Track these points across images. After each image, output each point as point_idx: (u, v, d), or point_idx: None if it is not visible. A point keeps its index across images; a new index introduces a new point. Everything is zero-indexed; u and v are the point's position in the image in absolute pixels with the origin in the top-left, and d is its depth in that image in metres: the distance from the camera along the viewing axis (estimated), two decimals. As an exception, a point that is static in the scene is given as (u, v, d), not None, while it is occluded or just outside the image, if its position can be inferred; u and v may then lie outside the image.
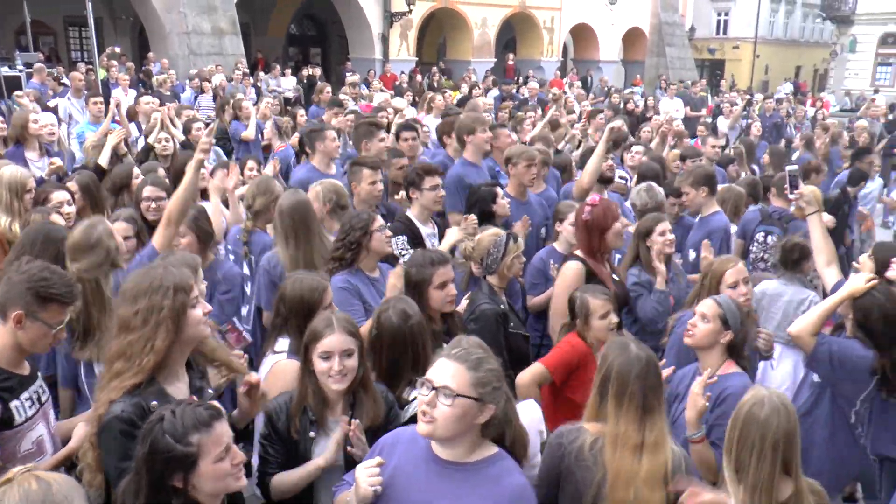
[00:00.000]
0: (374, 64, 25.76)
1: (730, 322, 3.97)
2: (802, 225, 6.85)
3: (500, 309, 4.77)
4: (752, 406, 3.04)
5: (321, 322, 3.41)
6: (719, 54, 50.21)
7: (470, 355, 2.78)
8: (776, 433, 2.97)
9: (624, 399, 3.14)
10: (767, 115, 17.95)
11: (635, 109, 18.16)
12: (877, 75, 44.42)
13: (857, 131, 14.48)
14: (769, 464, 2.97)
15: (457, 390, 2.67)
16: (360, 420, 3.35)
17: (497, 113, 14.00)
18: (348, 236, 4.68)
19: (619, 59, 35.82)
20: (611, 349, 3.29)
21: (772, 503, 2.98)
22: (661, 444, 3.11)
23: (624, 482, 3.06)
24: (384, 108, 12.16)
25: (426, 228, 5.80)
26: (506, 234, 4.99)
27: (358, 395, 3.41)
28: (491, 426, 2.81)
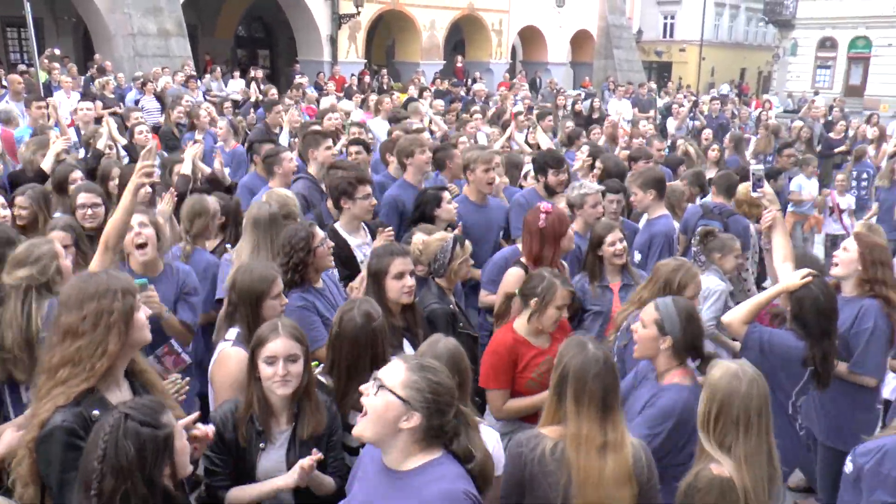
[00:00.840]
0: (322, 66, 25.65)
1: (666, 327, 3.83)
2: (742, 220, 7.06)
3: (450, 309, 4.81)
4: (729, 381, 3.11)
5: (267, 327, 3.42)
6: (666, 57, 50.88)
7: (418, 361, 2.79)
8: (759, 401, 3.10)
9: (584, 399, 3.10)
10: (714, 116, 18.25)
11: (583, 111, 18.32)
12: (817, 77, 45.44)
13: (794, 131, 14.82)
14: (757, 432, 3.09)
15: (385, 383, 2.68)
16: (303, 428, 3.37)
17: (445, 115, 14.01)
18: (292, 258, 4.61)
19: (567, 61, 36.11)
20: (567, 349, 3.25)
21: (766, 467, 3.09)
22: (623, 442, 3.10)
23: (593, 484, 3.04)
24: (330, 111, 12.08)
25: (355, 239, 5.71)
26: (453, 239, 4.99)
27: (302, 404, 3.41)
28: (436, 438, 2.77)
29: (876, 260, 4.83)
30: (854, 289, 4.89)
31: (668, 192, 7.06)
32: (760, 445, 3.12)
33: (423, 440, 2.75)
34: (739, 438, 3.10)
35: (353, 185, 5.65)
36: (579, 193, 6.14)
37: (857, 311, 4.79)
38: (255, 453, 3.36)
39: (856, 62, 45.09)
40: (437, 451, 2.78)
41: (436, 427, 2.74)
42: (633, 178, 6.78)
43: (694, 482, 3.10)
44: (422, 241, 5.03)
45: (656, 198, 6.58)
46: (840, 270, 4.92)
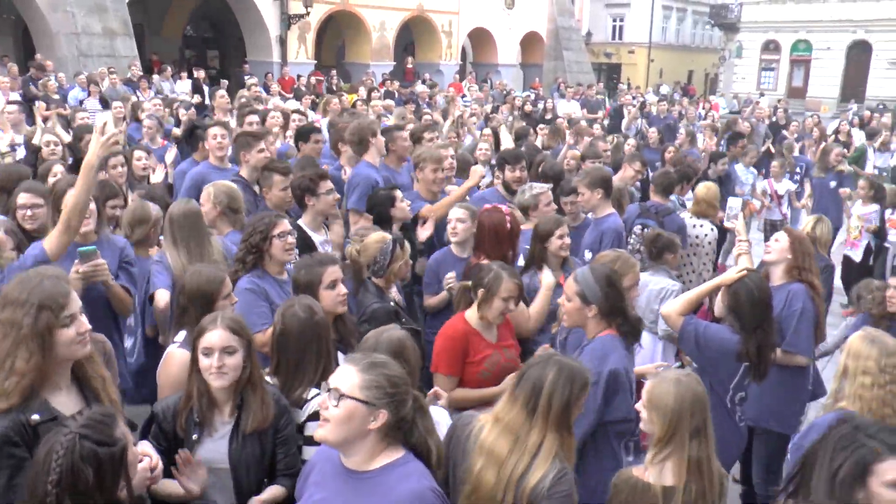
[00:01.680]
0: (272, 67, 25.43)
1: (588, 296, 4.02)
2: (678, 218, 7.21)
3: (391, 307, 4.80)
4: (676, 391, 3.16)
5: (207, 319, 3.40)
6: (615, 58, 51.46)
7: (366, 358, 2.77)
8: (704, 410, 3.17)
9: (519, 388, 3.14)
10: (661, 116, 18.57)
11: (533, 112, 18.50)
12: (762, 79, 46.38)
13: (744, 128, 15.29)
14: (706, 438, 3.16)
15: (343, 391, 2.65)
16: (247, 421, 3.33)
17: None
18: (249, 239, 4.65)
19: (517, 62, 36.28)
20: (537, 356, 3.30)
21: (713, 472, 3.14)
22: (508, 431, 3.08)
23: (478, 447, 3.08)
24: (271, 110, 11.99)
25: (318, 236, 5.74)
26: (392, 240, 4.97)
27: (246, 397, 3.38)
28: (398, 431, 2.77)
29: (803, 251, 5.15)
30: (783, 276, 5.17)
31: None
32: (702, 451, 3.16)
33: (387, 437, 2.75)
34: (683, 446, 3.15)
35: (314, 181, 5.69)
36: (531, 195, 6.20)
37: (787, 295, 5.05)
38: (190, 444, 3.34)
39: (798, 65, 46.09)
40: (398, 449, 2.79)
41: (399, 420, 2.74)
42: (580, 178, 6.83)
43: (615, 479, 3.21)
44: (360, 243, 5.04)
45: (603, 197, 6.63)
46: (773, 256, 5.17)
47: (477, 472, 3.05)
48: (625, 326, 4.09)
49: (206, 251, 4.97)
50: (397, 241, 5.00)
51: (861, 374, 3.64)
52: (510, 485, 2.99)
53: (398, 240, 5.02)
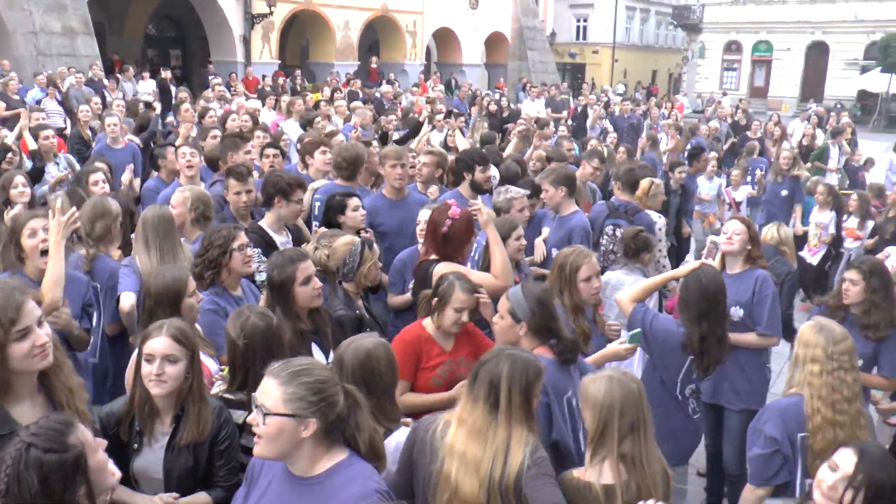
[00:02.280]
0: (236, 67, 25.19)
1: (518, 314, 3.98)
2: (646, 216, 7.29)
3: (357, 314, 4.78)
4: (607, 388, 3.18)
5: (154, 325, 3.37)
6: (580, 58, 51.75)
7: (286, 370, 2.73)
8: (638, 408, 3.19)
9: (476, 385, 3.17)
10: (625, 116, 18.72)
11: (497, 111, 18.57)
12: (724, 79, 46.99)
13: (709, 131, 15.48)
14: (643, 436, 3.18)
15: (269, 409, 2.64)
16: (183, 433, 3.29)
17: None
18: (207, 253, 4.58)
19: (482, 62, 36.37)
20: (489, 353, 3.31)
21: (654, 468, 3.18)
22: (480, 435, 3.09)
23: (448, 453, 3.09)
24: (235, 111, 11.94)
25: (280, 237, 5.73)
26: (361, 242, 4.95)
27: (185, 408, 3.33)
28: (334, 433, 2.77)
29: (755, 236, 5.46)
30: (744, 263, 5.38)
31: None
32: (638, 448, 3.18)
33: (326, 440, 2.75)
34: (616, 446, 3.17)
35: (291, 186, 5.72)
36: (506, 198, 6.23)
37: (755, 281, 5.26)
38: (130, 452, 3.31)
39: (759, 65, 46.77)
40: (341, 451, 2.79)
41: (333, 421, 2.74)
42: (545, 176, 6.86)
43: (559, 480, 3.19)
44: (329, 247, 4.99)
45: (567, 194, 6.68)
46: (736, 247, 5.33)
47: (454, 478, 3.05)
48: (558, 346, 4.01)
49: (178, 256, 4.93)
50: (365, 243, 4.98)
51: (810, 362, 3.72)
52: (493, 489, 3.02)
53: (366, 242, 5.01)
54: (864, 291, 5.21)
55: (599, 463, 3.17)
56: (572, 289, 4.62)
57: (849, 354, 3.71)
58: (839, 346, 3.69)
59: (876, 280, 5.22)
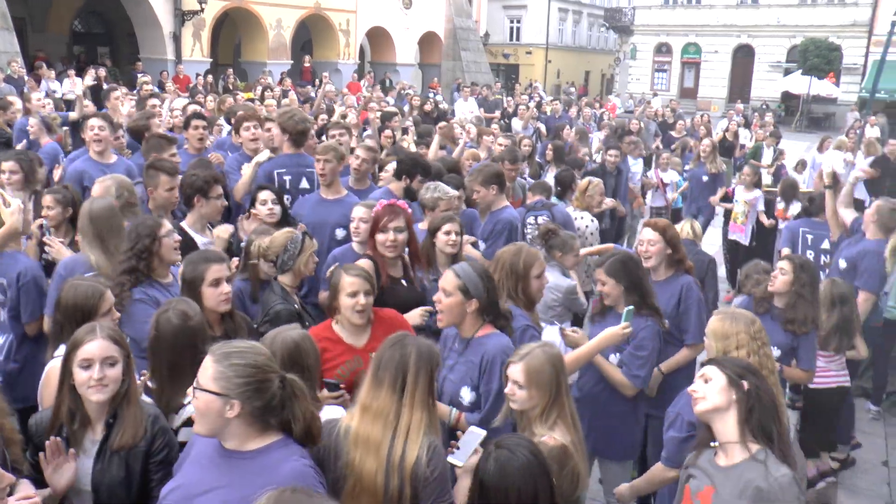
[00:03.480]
0: (166, 65, 24.81)
1: (471, 290, 3.99)
2: (563, 209, 7.44)
3: (294, 308, 4.75)
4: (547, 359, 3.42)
5: (83, 330, 3.26)
6: (513, 59, 52.12)
7: (222, 349, 2.77)
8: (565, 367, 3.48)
9: (371, 365, 3.24)
10: (556, 116, 18.90)
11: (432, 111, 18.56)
12: (655, 80, 47.81)
13: (633, 125, 15.85)
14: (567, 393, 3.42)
15: (200, 383, 2.70)
16: (116, 437, 3.20)
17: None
18: (137, 245, 4.47)
19: (416, 62, 36.40)
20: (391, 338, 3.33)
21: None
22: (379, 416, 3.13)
23: (352, 439, 3.12)
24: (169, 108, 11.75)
25: (202, 238, 5.63)
26: (301, 233, 4.96)
27: (119, 412, 3.23)
28: (269, 416, 2.78)
29: (674, 238, 5.24)
30: (666, 270, 5.23)
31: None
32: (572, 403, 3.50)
33: (257, 422, 2.77)
34: (557, 408, 3.42)
35: (209, 183, 5.63)
36: (433, 196, 6.19)
37: (680, 289, 5.13)
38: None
39: (689, 66, 47.72)
40: (275, 433, 2.81)
41: (261, 407, 2.75)
42: (473, 177, 6.90)
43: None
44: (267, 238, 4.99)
45: (498, 192, 6.74)
46: (654, 261, 5.18)
47: (357, 464, 3.08)
48: (501, 321, 4.12)
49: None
50: (305, 234, 4.99)
51: (735, 350, 3.79)
52: (393, 468, 3.05)
53: (306, 233, 5.01)
54: (791, 283, 5.35)
55: (553, 425, 3.37)
56: (525, 285, 4.60)
57: (763, 331, 3.87)
58: (755, 325, 3.85)
59: (805, 275, 5.36)
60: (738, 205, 11.20)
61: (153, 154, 6.66)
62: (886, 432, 7.68)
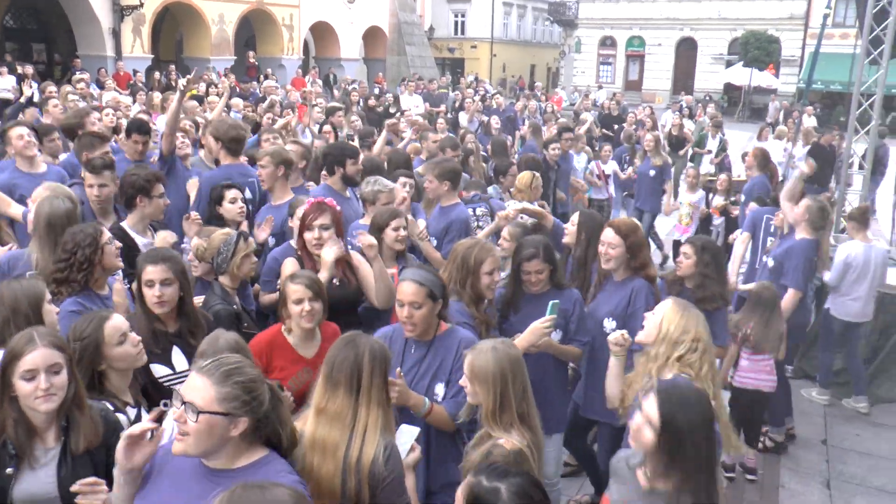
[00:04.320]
0: (105, 61, 24.24)
1: (437, 293, 3.96)
2: (498, 202, 7.48)
3: (234, 309, 4.71)
4: (494, 359, 3.35)
5: (20, 339, 3.09)
6: (459, 53, 52.18)
7: (219, 368, 2.66)
8: (524, 371, 3.41)
9: (324, 367, 3.21)
10: (501, 109, 18.94)
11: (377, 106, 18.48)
12: (600, 73, 48.24)
13: (581, 123, 16.00)
14: (528, 396, 3.39)
15: (201, 407, 2.56)
16: (77, 441, 3.07)
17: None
18: (76, 255, 4.32)
19: (360, 57, 36.24)
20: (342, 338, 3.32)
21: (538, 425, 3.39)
22: (337, 419, 3.12)
23: (307, 442, 3.10)
24: (116, 108, 11.45)
25: (143, 239, 5.54)
26: (237, 234, 4.91)
27: (72, 416, 3.10)
28: (259, 431, 2.72)
29: (636, 244, 5.17)
30: (623, 273, 5.18)
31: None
32: (526, 407, 3.39)
33: (248, 438, 2.70)
34: (509, 410, 3.33)
35: (150, 182, 5.53)
36: (372, 189, 6.12)
37: (630, 292, 5.10)
38: (5, 480, 3.03)
39: (633, 59, 48.26)
40: (261, 449, 2.74)
41: (261, 419, 2.70)
42: (429, 168, 6.89)
43: (488, 461, 3.14)
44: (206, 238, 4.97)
45: (450, 188, 6.71)
46: (613, 265, 5.15)
47: (315, 468, 3.05)
48: (445, 318, 4.13)
49: None
50: (241, 234, 4.93)
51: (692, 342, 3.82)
52: (350, 469, 3.03)
53: (242, 234, 4.96)
54: (696, 265, 5.49)
55: (509, 427, 3.30)
56: (475, 280, 4.57)
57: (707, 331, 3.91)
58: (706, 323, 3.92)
59: (707, 255, 5.50)
60: (683, 206, 11.43)
61: (85, 153, 6.51)
62: (826, 411, 7.85)
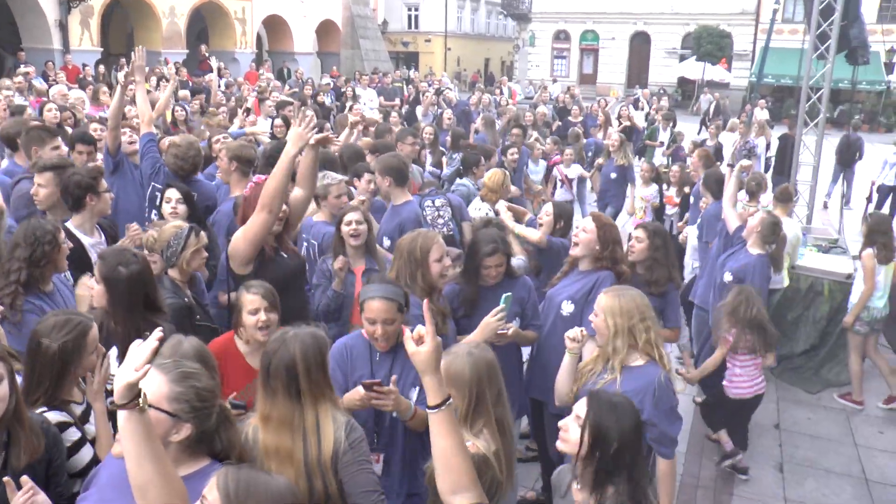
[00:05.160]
0: (52, 55, 23.71)
1: (404, 304, 3.90)
2: (455, 197, 7.51)
3: (185, 302, 4.63)
4: (470, 363, 3.34)
5: None
6: (413, 47, 52.13)
7: (178, 367, 2.63)
8: (499, 375, 3.40)
9: (260, 375, 3.19)
10: (453, 104, 18.92)
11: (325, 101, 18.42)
12: (554, 67, 48.46)
13: (539, 116, 16.25)
14: (504, 400, 3.38)
15: (150, 401, 2.47)
16: (18, 457, 2.93)
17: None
18: (36, 251, 4.25)
19: (314, 50, 36.00)
20: (272, 342, 3.27)
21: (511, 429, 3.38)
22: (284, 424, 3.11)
23: (262, 454, 3.08)
24: (73, 106, 11.16)
25: (90, 238, 5.41)
26: (188, 227, 4.83)
27: (13, 430, 2.95)
28: (200, 443, 2.67)
29: (609, 239, 5.17)
30: (590, 264, 5.18)
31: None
32: (502, 411, 3.38)
33: (190, 448, 2.66)
34: (483, 415, 3.33)
35: (96, 178, 5.40)
36: (323, 184, 6.07)
37: (594, 282, 5.09)
38: None
39: (587, 53, 48.52)
40: (203, 458, 2.69)
41: (202, 433, 2.65)
42: (375, 164, 6.84)
43: None
44: (156, 230, 4.87)
45: (393, 184, 6.60)
46: (580, 251, 5.16)
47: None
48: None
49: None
50: (193, 229, 4.84)
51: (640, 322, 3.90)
52: (313, 470, 3.04)
53: (193, 228, 4.86)
54: (647, 249, 5.61)
55: (479, 433, 3.27)
56: (424, 270, 4.55)
57: (650, 307, 3.99)
58: (645, 301, 3.93)
59: (658, 239, 5.64)
60: (637, 201, 11.62)
61: (33, 147, 6.32)
62: (778, 396, 7.98)
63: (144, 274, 4.09)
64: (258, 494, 2.24)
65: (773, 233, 6.93)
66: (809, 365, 8.55)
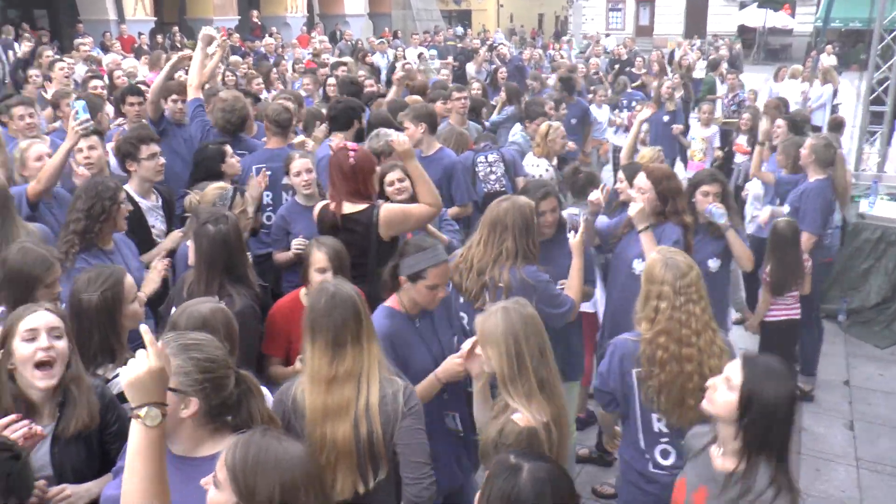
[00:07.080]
0: (108, 25, 23.94)
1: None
2: (510, 152, 7.38)
3: None
4: (505, 320, 3.15)
5: (22, 307, 3.03)
6: (465, 5, 51.43)
7: (178, 339, 2.56)
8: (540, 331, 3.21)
9: (316, 336, 3.09)
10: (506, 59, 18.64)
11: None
12: (610, 20, 47.55)
13: (590, 67, 16.19)
14: (547, 358, 3.18)
15: None
16: (69, 423, 2.94)
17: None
18: (95, 205, 4.32)
19: (365, 12, 35.73)
20: (311, 294, 3.29)
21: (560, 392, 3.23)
22: (350, 377, 3.07)
23: (314, 417, 3.04)
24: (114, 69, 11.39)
25: (147, 202, 5.47)
26: (232, 188, 4.82)
27: (69, 395, 2.97)
28: (223, 416, 2.60)
29: (669, 192, 5.02)
30: (653, 219, 5.00)
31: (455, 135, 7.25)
32: (545, 371, 3.16)
33: (210, 424, 2.57)
34: (533, 375, 3.11)
35: (134, 145, 5.39)
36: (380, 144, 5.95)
37: (658, 237, 4.89)
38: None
39: (643, 4, 47.51)
40: (227, 436, 2.59)
41: (218, 405, 2.56)
42: (405, 113, 6.70)
43: (500, 438, 3.02)
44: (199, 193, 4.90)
45: (427, 131, 6.49)
46: (638, 210, 4.94)
47: (330, 436, 3.01)
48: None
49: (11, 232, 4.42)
50: (238, 190, 4.85)
51: (656, 298, 3.58)
52: (360, 419, 3.01)
53: (239, 189, 4.87)
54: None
55: (525, 401, 3.07)
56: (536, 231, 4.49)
57: (696, 286, 3.59)
58: (686, 280, 3.56)
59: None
60: (696, 142, 11.30)
61: None
62: (847, 351, 7.70)
63: (230, 236, 4.07)
64: (268, 470, 2.15)
65: (828, 154, 6.62)
66: (880, 318, 8.20)
